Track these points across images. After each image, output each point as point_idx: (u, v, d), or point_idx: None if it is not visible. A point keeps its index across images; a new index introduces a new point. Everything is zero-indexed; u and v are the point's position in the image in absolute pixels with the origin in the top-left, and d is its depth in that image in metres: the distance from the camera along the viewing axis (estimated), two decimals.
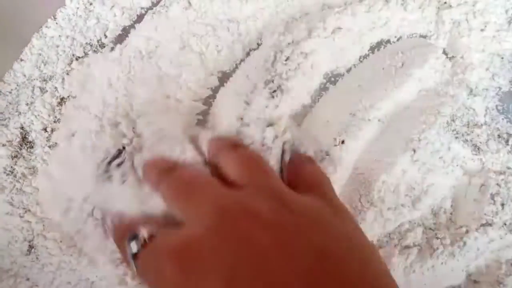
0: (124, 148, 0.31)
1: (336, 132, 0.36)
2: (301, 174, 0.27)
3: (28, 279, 0.33)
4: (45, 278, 0.33)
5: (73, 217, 0.32)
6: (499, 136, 0.36)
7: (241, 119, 0.31)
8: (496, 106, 0.37)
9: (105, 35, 0.42)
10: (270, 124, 0.31)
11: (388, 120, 0.36)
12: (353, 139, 0.35)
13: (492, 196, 0.34)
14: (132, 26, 0.42)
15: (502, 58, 0.38)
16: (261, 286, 0.18)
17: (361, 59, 0.39)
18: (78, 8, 0.43)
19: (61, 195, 0.33)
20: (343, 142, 0.35)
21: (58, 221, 0.34)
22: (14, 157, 0.38)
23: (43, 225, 0.35)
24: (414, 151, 0.34)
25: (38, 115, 0.39)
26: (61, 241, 0.34)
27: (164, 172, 0.26)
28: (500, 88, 0.37)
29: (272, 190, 0.23)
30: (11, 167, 0.37)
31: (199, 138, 0.30)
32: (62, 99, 0.40)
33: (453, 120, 0.36)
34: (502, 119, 0.36)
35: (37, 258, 0.34)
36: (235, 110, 0.32)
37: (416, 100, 0.37)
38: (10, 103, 0.40)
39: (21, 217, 0.35)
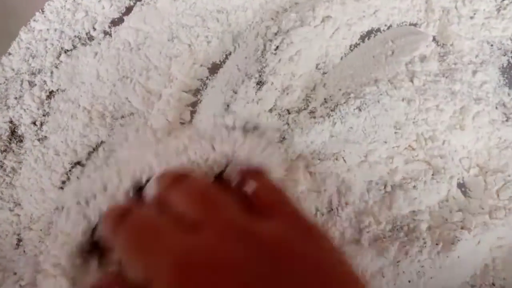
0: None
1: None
2: (257, 195, 0.23)
3: (15, 273, 0.33)
4: (29, 271, 0.33)
5: None
6: None
7: (228, 105, 0.30)
8: None
9: (93, 27, 0.42)
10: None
11: None
12: None
13: None
14: (120, 18, 0.42)
15: (492, 45, 0.38)
16: None
17: (352, 48, 0.39)
18: (66, 1, 0.43)
19: None
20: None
21: None
22: (4, 151, 0.37)
23: (31, 218, 0.35)
24: None
25: (27, 108, 0.39)
26: (41, 230, 0.34)
27: (119, 219, 0.22)
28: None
29: (233, 226, 0.20)
30: (1, 161, 0.37)
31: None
32: (51, 92, 0.39)
33: None
34: None
35: (24, 251, 0.34)
36: (223, 98, 0.32)
37: None
38: None
39: (10, 210, 0.35)
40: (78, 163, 0.36)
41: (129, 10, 0.42)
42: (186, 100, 0.37)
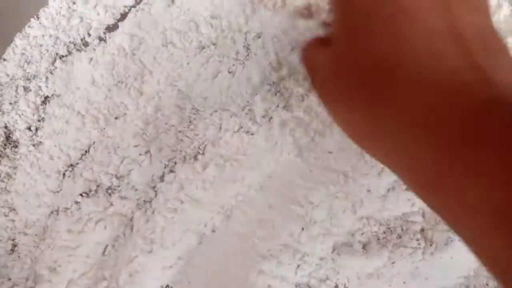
0: None
1: None
2: None
3: (9, 279, 0.33)
4: (24, 277, 0.33)
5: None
6: None
7: None
8: None
9: (88, 33, 0.42)
10: None
11: None
12: None
13: None
14: (115, 24, 0.42)
15: None
16: None
17: None
18: (61, 7, 0.43)
19: None
20: None
21: None
22: None
23: (25, 223, 0.35)
24: None
25: (22, 114, 0.39)
26: (36, 235, 0.34)
27: None
28: None
29: None
30: None
31: None
32: (46, 98, 0.40)
33: None
34: None
35: (18, 257, 0.34)
36: None
37: None
38: None
39: (5, 216, 0.35)
40: (71, 165, 0.36)
41: (124, 16, 0.42)
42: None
